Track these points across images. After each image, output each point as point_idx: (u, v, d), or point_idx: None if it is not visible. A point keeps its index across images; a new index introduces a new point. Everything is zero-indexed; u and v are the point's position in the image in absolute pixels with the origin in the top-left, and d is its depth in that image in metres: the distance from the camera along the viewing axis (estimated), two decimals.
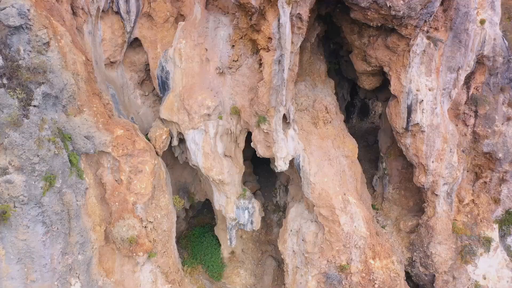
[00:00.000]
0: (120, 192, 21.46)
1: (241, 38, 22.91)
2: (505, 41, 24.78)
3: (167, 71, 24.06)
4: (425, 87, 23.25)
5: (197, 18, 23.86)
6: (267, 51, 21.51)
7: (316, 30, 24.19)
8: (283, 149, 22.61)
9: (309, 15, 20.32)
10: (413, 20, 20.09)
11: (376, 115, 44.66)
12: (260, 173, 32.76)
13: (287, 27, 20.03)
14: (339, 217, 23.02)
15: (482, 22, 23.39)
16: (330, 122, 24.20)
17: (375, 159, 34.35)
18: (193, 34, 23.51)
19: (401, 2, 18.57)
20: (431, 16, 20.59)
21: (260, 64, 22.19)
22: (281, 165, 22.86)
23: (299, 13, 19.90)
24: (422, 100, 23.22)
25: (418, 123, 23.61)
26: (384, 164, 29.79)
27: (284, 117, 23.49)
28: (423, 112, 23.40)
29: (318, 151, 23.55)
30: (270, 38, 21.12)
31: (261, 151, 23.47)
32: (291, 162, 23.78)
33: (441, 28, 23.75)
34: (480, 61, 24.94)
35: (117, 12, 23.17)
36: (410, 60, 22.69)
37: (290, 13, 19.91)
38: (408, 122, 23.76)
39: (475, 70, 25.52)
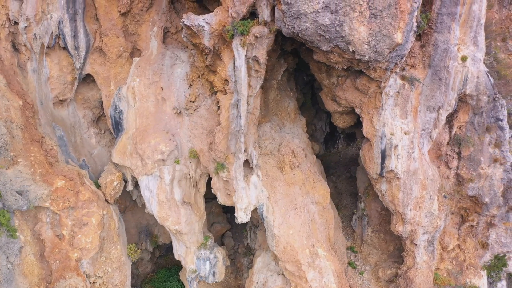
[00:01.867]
0: (61, 248, 19.67)
1: (199, 77, 21.17)
2: (490, 78, 22.91)
3: (120, 110, 22.32)
4: (400, 130, 21.38)
5: (153, 53, 22.14)
6: (224, 94, 19.75)
7: (283, 67, 22.41)
8: (243, 199, 20.78)
9: (267, 57, 18.53)
10: (382, 64, 18.29)
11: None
12: (232, 210, 30.91)
13: (242, 70, 18.26)
14: (306, 273, 21.12)
15: (464, 59, 21.54)
16: (298, 166, 22.35)
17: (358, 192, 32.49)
18: (147, 71, 21.77)
19: (366, 46, 16.78)
20: (402, 58, 18.77)
21: (219, 107, 20.44)
22: (241, 217, 21.02)
23: (255, 56, 18.13)
24: (397, 145, 21.35)
25: (393, 170, 21.73)
26: (363, 204, 27.88)
27: (247, 162, 21.69)
28: (398, 158, 21.52)
29: (284, 199, 21.69)
30: (226, 80, 19.36)
31: (222, 200, 21.65)
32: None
33: (419, 65, 21.92)
34: (463, 99, 23.09)
35: (65, 48, 21.49)
36: (382, 102, 20.85)
37: (246, 55, 18.14)
38: (382, 168, 21.88)
39: (458, 109, 23.66)
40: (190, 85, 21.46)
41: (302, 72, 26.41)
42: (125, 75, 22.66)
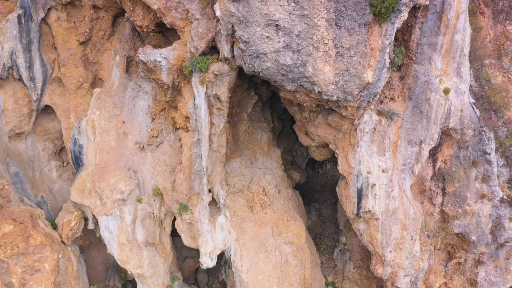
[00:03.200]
0: None
1: (162, 110, 19.97)
2: (476, 111, 21.65)
3: (80, 144, 21.11)
4: (377, 168, 20.10)
5: (115, 84, 20.95)
6: (186, 131, 18.54)
7: (253, 99, 21.19)
8: (208, 243, 19.51)
9: (232, 93, 17.32)
10: (353, 102, 17.05)
11: None
12: None
13: (202, 109, 17.05)
14: None
15: (446, 91, 20.29)
16: (270, 205, 21.07)
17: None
18: (108, 104, 20.58)
19: (333, 86, 15.56)
20: (375, 96, 17.54)
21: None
22: (206, 262, 19.73)
23: (216, 94, 16.91)
24: (375, 184, 20.07)
25: (370, 210, 20.43)
26: (344, 238, 26.55)
27: (214, 201, 20.44)
28: (375, 197, 20.22)
29: (254, 241, 20.40)
30: (188, 117, 18.15)
31: (187, 242, 20.38)
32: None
33: (398, 97, 20.68)
34: (446, 132, 21.83)
35: (20, 79, 20.32)
36: (358, 139, 19.60)
37: (206, 93, 16.94)
38: (359, 208, 20.59)
39: (441, 142, 22.38)
40: (153, 119, 20.25)
41: (280, 98, 25.20)
42: (86, 107, 21.47)
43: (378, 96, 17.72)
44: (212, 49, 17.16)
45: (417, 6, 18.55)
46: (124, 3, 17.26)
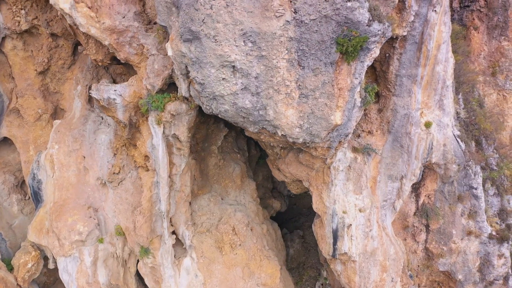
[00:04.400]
0: None
1: (124, 145, 18.90)
2: (461, 144, 20.53)
3: (39, 180, 20.05)
4: (354, 207, 18.98)
5: (76, 116, 19.91)
6: (146, 171, 17.46)
7: (223, 132, 20.11)
8: None
9: (190, 134, 16.26)
10: (322, 143, 15.96)
11: None
12: None
13: (160, 150, 15.99)
14: None
15: (428, 125, 19.18)
16: (240, 244, 19.94)
17: None
18: (67, 137, 19.53)
19: (297, 130, 14.49)
20: (347, 136, 16.45)
21: None
22: None
23: (175, 134, 15.84)
24: (351, 225, 18.93)
25: (346, 253, 19.29)
26: (325, 272, 25.39)
27: (180, 241, 19.35)
28: (352, 239, 19.08)
29: (222, 285, 19.26)
30: (147, 156, 17.08)
31: (150, 285, 19.26)
32: None
33: (377, 131, 19.60)
34: (429, 167, 20.71)
35: None
36: (332, 178, 18.49)
37: (164, 133, 15.88)
38: (334, 250, 19.45)
39: (425, 176, 21.25)
40: (115, 154, 19.19)
41: None
42: (46, 139, 20.44)
43: (350, 135, 16.61)
44: (172, 85, 16.13)
45: (395, 37, 17.52)
46: (78, 35, 16.26)
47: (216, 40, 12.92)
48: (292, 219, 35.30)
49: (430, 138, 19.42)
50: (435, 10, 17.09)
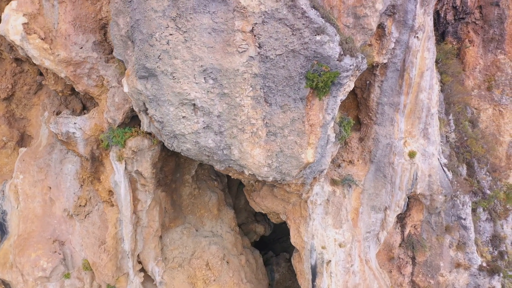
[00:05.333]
0: None
1: (90, 176, 18.06)
2: (448, 174, 19.64)
3: (4, 210, 19.21)
4: (333, 242, 18.08)
5: (42, 144, 19.09)
6: (111, 206, 16.63)
7: (196, 161, 19.27)
8: None
9: (155, 170, 15.41)
10: (296, 180, 15.11)
11: None
12: None
13: (122, 187, 15.16)
14: None
15: (412, 154, 18.32)
16: (215, 280, 19.05)
17: None
18: (32, 167, 18.70)
19: (266, 169, 13.65)
20: (321, 172, 15.59)
21: None
22: None
23: (138, 170, 15.01)
24: (330, 261, 18.03)
25: None
26: None
27: (150, 277, 18.46)
28: (331, 276, 18.18)
29: None
30: (111, 191, 16.24)
31: None
32: None
33: (358, 160, 18.74)
34: (415, 197, 19.84)
35: None
36: (309, 212, 17.62)
37: (126, 169, 15.04)
38: (313, 287, 18.54)
39: (410, 206, 20.39)
40: (81, 185, 18.34)
41: None
42: (12, 167, 19.61)
43: (325, 171, 15.75)
44: (136, 118, 15.31)
45: (375, 64, 16.70)
46: (39, 64, 15.44)
47: (174, 77, 12.10)
48: (280, 239, 34.38)
49: (415, 168, 18.56)
50: (417, 37, 16.28)
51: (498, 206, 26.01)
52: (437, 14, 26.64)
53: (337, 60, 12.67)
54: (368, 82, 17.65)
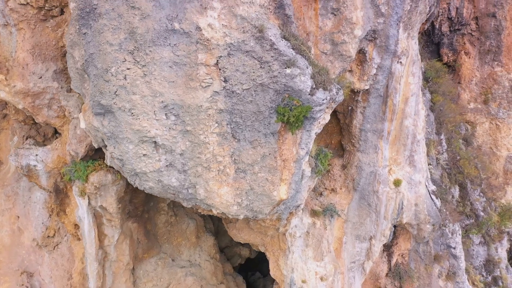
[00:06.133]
0: None
1: (56, 208, 17.30)
2: (436, 202, 18.81)
3: None
4: (315, 275, 17.28)
5: (10, 171, 18.34)
6: (78, 240, 15.85)
7: None
8: None
9: (121, 205, 14.65)
10: (270, 216, 14.33)
11: None
12: None
13: (85, 223, 14.42)
14: None
15: (397, 183, 17.53)
16: None
17: None
18: (0, 195, 17.96)
19: (235, 207, 12.85)
20: (298, 207, 14.80)
21: None
22: None
23: (101, 205, 14.25)
24: None
25: None
26: None
27: None
28: None
29: None
30: (77, 225, 15.47)
31: None
32: None
33: (341, 188, 17.96)
34: (401, 226, 19.05)
35: None
36: (288, 244, 16.83)
37: (90, 204, 14.28)
38: None
39: (397, 235, 19.60)
40: (50, 215, 17.58)
41: None
42: None
43: (302, 206, 14.95)
44: (100, 150, 14.54)
45: (356, 90, 15.96)
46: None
47: (132, 113, 11.36)
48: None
49: (400, 197, 17.76)
50: (401, 62, 15.52)
51: (492, 229, 25.21)
52: (432, 25, 25.93)
53: (309, 94, 11.91)
54: (350, 107, 16.90)
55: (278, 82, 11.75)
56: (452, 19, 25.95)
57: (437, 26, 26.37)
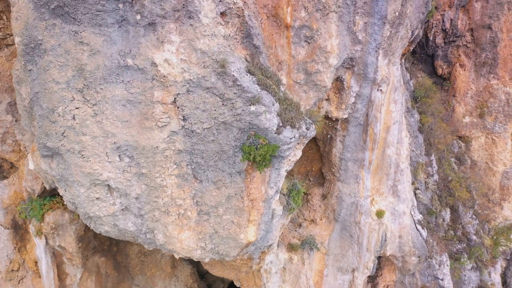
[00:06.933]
0: None
1: (18, 243, 16.47)
2: (422, 233, 17.96)
3: None
4: None
5: None
6: (39, 277, 15.01)
7: None
8: None
9: (80, 245, 13.83)
10: (240, 256, 13.48)
11: None
12: None
13: (43, 263, 13.62)
14: None
15: (380, 214, 16.71)
16: None
17: None
18: None
19: (199, 251, 11.81)
20: (270, 246, 13.94)
21: None
22: None
23: (60, 245, 13.44)
24: None
25: None
26: None
27: None
28: None
29: None
30: (37, 262, 14.64)
31: None
32: None
33: (321, 219, 17.14)
34: (386, 257, 18.21)
35: None
36: (264, 281, 16.00)
37: (48, 244, 13.46)
38: None
39: (382, 265, 18.76)
40: (15, 247, 16.74)
41: None
42: None
43: (274, 245, 14.11)
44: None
45: (334, 119, 15.17)
46: None
47: (82, 155, 10.56)
48: None
49: (383, 229, 16.94)
50: (381, 90, 14.71)
51: (485, 254, 24.36)
52: (425, 37, 25.17)
53: (276, 133, 11.11)
54: (329, 135, 16.11)
55: (242, 120, 10.95)
56: (447, 30, 25.18)
57: (431, 38, 25.61)
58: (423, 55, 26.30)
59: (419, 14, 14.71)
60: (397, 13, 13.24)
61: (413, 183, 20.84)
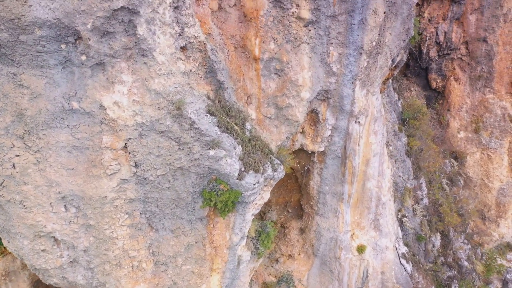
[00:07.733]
0: None
1: None
2: (407, 266, 17.15)
3: None
4: None
5: None
6: None
7: None
8: None
9: None
10: None
11: None
12: None
13: None
14: None
15: (361, 249, 15.89)
16: None
17: None
18: None
19: None
20: None
21: None
22: None
23: None
24: None
25: None
26: None
27: None
28: None
29: None
30: None
31: None
32: None
33: (299, 254, 16.31)
34: None
35: None
36: None
37: None
38: None
39: None
40: None
41: None
42: None
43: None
44: None
45: (310, 152, 14.36)
46: None
47: (24, 206, 9.74)
48: None
49: (364, 265, 16.12)
50: (359, 122, 13.91)
51: (477, 281, 23.58)
52: (419, 50, 24.43)
53: (237, 179, 10.29)
54: (306, 167, 15.31)
55: (201, 165, 10.13)
56: (441, 43, 24.41)
57: (424, 51, 24.85)
58: (416, 68, 25.53)
59: (400, 42, 13.93)
60: (374, 43, 12.44)
61: (400, 210, 20.06)
